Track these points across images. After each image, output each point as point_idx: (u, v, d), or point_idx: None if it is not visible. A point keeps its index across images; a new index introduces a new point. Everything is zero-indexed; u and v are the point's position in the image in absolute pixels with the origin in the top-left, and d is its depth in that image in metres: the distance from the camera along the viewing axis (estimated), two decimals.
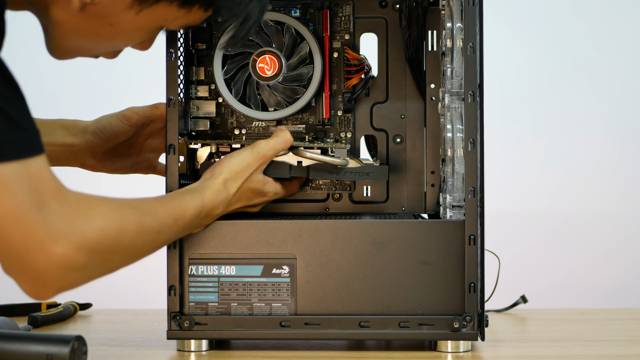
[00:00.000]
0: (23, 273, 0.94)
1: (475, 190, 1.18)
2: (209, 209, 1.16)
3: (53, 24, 1.02)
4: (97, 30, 1.02)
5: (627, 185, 2.29)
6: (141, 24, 1.03)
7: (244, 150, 1.21)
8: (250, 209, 1.25)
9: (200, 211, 1.15)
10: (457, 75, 1.22)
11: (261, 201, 1.25)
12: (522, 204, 2.30)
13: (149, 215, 1.06)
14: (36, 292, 0.96)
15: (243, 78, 1.31)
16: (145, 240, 1.05)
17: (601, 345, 1.28)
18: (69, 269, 0.95)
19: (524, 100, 2.31)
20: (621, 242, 2.28)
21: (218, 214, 1.19)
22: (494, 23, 1.58)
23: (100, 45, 1.07)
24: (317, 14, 1.34)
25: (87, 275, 0.98)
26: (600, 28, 2.29)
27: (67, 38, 1.03)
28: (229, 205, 1.20)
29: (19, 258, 0.93)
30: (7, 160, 0.91)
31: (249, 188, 1.21)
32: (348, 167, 1.26)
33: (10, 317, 1.44)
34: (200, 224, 1.18)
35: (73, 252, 0.95)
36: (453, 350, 1.20)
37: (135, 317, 1.51)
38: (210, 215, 1.18)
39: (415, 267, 1.19)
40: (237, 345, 1.25)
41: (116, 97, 2.15)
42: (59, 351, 1.01)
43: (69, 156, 1.32)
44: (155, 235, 1.07)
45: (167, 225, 1.09)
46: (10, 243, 0.92)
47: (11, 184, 0.91)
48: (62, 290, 0.98)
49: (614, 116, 2.29)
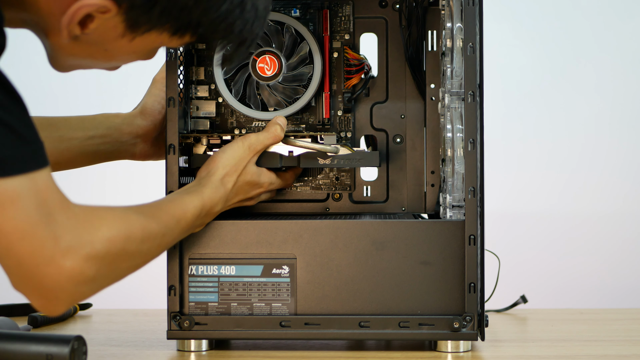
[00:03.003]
0: (34, 289, 0.94)
1: (475, 190, 1.18)
2: (209, 207, 1.16)
3: (51, 47, 1.01)
4: (93, 54, 1.02)
5: (627, 185, 2.29)
6: (136, 49, 1.02)
7: (234, 143, 1.21)
8: (248, 202, 1.25)
9: (201, 210, 1.15)
10: (457, 75, 1.22)
11: (257, 192, 1.24)
12: (522, 204, 2.30)
13: (153, 220, 1.06)
14: (48, 308, 0.95)
15: (243, 78, 1.31)
16: (150, 246, 1.05)
17: (601, 345, 1.27)
18: (80, 282, 0.94)
19: (524, 100, 2.31)
20: (621, 242, 2.28)
21: (217, 211, 1.19)
22: (494, 23, 1.58)
23: (98, 66, 1.06)
24: (317, 14, 1.34)
25: (96, 286, 0.98)
26: (602, 27, 2.29)
27: (64, 58, 1.03)
28: (227, 201, 1.20)
29: (28, 274, 0.92)
30: (13, 174, 0.90)
31: (245, 181, 1.21)
32: (339, 154, 1.26)
33: (10, 317, 1.44)
34: (202, 222, 1.18)
35: (83, 264, 0.94)
36: (453, 350, 1.20)
37: (135, 317, 1.51)
38: (210, 213, 1.17)
39: (416, 267, 1.19)
40: (237, 345, 1.25)
41: (116, 97, 2.15)
42: (59, 351, 1.01)
43: (119, 147, 1.31)
44: (160, 239, 1.07)
45: (170, 228, 1.09)
46: (19, 259, 0.91)
47: (19, 199, 0.90)
48: (73, 303, 0.97)
49: (616, 117, 2.29)
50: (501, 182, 2.22)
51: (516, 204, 2.29)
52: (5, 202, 0.89)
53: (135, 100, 1.34)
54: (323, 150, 1.25)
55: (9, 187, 0.89)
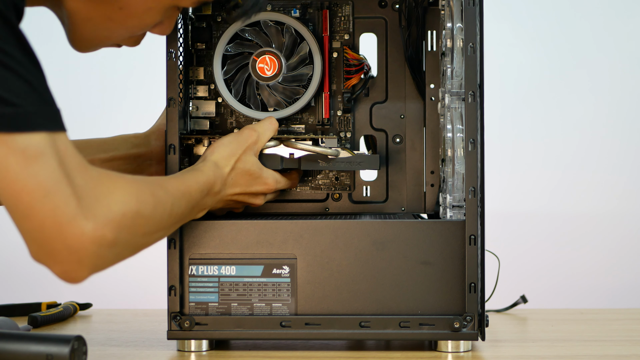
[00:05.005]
0: (56, 253, 0.92)
1: (476, 190, 1.18)
2: (210, 185, 1.15)
3: (67, 15, 1.03)
4: (108, 16, 1.03)
5: (627, 185, 2.29)
6: (151, 5, 1.03)
7: (228, 135, 1.22)
8: (253, 200, 1.24)
9: (203, 187, 1.14)
10: (457, 75, 1.22)
11: (262, 190, 1.23)
12: (522, 204, 2.29)
13: (161, 188, 1.06)
14: (70, 274, 0.94)
15: (243, 78, 1.31)
16: (162, 213, 1.05)
17: (601, 345, 1.28)
18: (102, 245, 0.93)
19: (524, 99, 2.31)
20: (622, 242, 2.28)
21: (218, 193, 1.17)
22: (494, 23, 1.58)
23: (116, 31, 1.07)
24: (316, 14, 1.34)
25: (118, 252, 0.97)
26: (601, 28, 2.29)
27: (83, 27, 1.04)
28: (226, 185, 1.18)
29: (51, 236, 0.91)
30: (39, 130, 0.89)
31: (244, 169, 1.20)
32: (340, 157, 1.26)
33: (10, 317, 1.44)
34: (204, 204, 1.16)
35: (103, 227, 0.93)
36: (453, 350, 1.20)
37: (135, 317, 1.51)
38: (211, 193, 1.16)
39: (416, 267, 1.20)
40: (237, 345, 1.25)
41: (115, 97, 2.15)
42: (59, 351, 1.01)
43: (136, 168, 1.32)
44: (170, 207, 1.06)
45: (177, 198, 1.09)
46: (42, 219, 0.90)
47: (43, 156, 0.89)
48: (97, 269, 0.96)
49: (614, 116, 2.28)
50: (501, 182, 2.22)
51: (517, 204, 2.29)
52: (30, 157, 0.89)
53: (136, 102, 1.34)
54: (324, 153, 1.26)
55: (34, 142, 0.89)
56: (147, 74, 1.32)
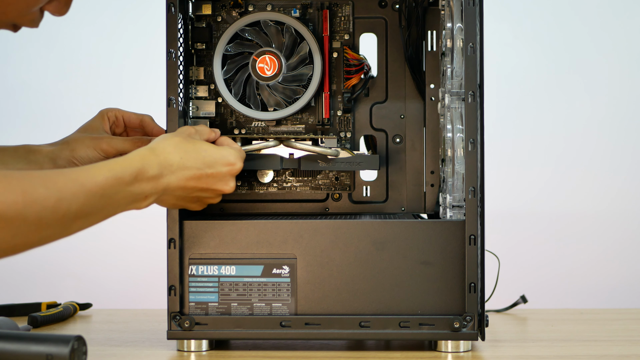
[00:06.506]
0: None
1: (476, 190, 1.19)
2: (137, 170, 1.07)
3: None
4: None
5: (627, 184, 2.29)
6: None
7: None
8: (222, 186, 1.16)
9: (123, 174, 1.06)
10: (457, 75, 1.22)
11: (228, 171, 1.16)
12: (522, 204, 2.29)
13: (41, 185, 0.98)
14: None
15: (243, 78, 1.31)
16: (39, 210, 0.97)
17: (601, 345, 1.28)
18: None
19: (524, 99, 2.31)
20: (622, 242, 2.28)
21: (157, 178, 1.10)
22: (494, 23, 1.58)
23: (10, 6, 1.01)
24: (316, 14, 1.34)
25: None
26: (599, 28, 2.29)
27: None
28: (171, 167, 1.11)
29: None
30: None
31: (193, 148, 1.14)
32: (339, 157, 1.26)
33: (10, 317, 1.44)
34: (137, 192, 1.08)
35: None
36: (453, 350, 1.20)
37: (135, 317, 1.51)
38: (144, 179, 1.08)
39: (416, 267, 1.20)
40: (237, 345, 1.25)
41: (115, 97, 2.15)
42: (59, 351, 1.01)
43: None
44: (54, 203, 0.98)
45: (70, 192, 1.00)
46: None
47: None
48: None
49: (612, 115, 2.28)
50: (501, 182, 2.22)
51: (517, 204, 2.29)
52: None
53: (136, 102, 1.34)
54: (323, 154, 1.26)
55: None
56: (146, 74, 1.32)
